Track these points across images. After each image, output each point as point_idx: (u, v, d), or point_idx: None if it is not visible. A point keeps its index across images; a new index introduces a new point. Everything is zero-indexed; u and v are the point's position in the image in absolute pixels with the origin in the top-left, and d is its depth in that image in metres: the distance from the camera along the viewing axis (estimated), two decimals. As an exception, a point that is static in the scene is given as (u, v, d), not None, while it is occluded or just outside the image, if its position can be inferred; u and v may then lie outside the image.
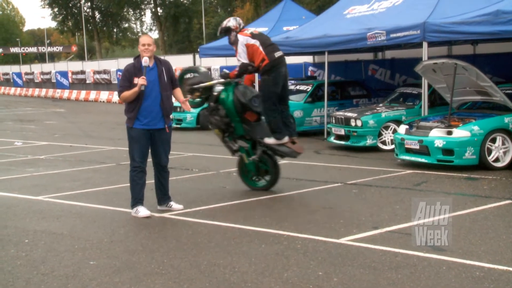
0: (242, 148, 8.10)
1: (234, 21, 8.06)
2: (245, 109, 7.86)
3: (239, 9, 60.41)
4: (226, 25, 8.02)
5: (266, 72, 7.78)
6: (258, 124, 8.05)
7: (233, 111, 7.78)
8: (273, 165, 8.13)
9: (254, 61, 7.84)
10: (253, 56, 7.82)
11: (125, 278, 4.84)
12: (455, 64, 9.75)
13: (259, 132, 7.98)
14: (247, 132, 8.00)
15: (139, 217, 6.81)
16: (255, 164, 8.12)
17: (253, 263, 5.11)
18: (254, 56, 7.81)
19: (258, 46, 7.79)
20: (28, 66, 54.91)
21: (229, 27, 7.98)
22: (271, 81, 7.80)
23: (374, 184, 8.60)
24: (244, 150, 8.09)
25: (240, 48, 7.83)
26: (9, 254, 5.61)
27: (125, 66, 7.00)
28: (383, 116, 12.07)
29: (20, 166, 11.17)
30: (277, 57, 7.84)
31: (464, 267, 4.85)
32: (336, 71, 18.89)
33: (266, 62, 7.74)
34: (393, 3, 13.18)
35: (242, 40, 7.84)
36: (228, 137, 8.13)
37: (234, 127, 7.96)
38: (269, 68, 7.76)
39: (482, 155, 9.34)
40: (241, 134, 8.04)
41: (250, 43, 7.81)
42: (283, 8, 20.04)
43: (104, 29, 65.90)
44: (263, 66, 7.76)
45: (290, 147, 8.05)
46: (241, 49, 7.83)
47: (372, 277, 4.70)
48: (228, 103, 7.81)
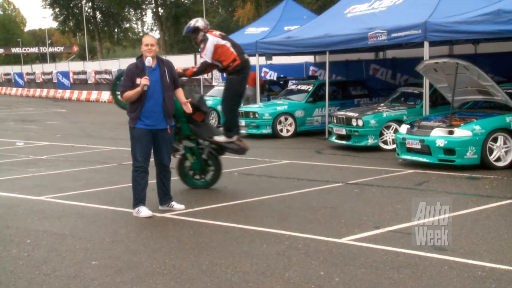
0: (187, 148, 8.17)
1: (202, 22, 8.23)
2: (194, 110, 7.90)
3: (240, 9, 60.32)
4: (194, 25, 8.16)
5: (236, 72, 8.10)
6: (204, 124, 8.23)
7: (182, 112, 7.70)
8: (217, 163, 8.35)
9: (223, 61, 8.06)
10: (222, 57, 8.03)
11: (126, 278, 4.84)
12: (456, 64, 9.75)
13: (207, 132, 8.17)
14: (194, 132, 8.09)
15: (141, 217, 6.81)
16: (200, 163, 8.25)
17: (255, 263, 5.11)
18: (223, 56, 8.04)
19: (229, 47, 8.08)
20: (30, 67, 54.95)
21: (197, 27, 8.13)
22: (240, 81, 8.18)
23: (376, 183, 8.60)
24: (189, 150, 8.18)
25: (209, 47, 7.99)
26: (11, 254, 5.62)
27: (128, 65, 7.01)
28: (385, 115, 12.07)
29: (22, 166, 11.18)
30: (246, 58, 8.21)
31: (466, 267, 4.85)
32: (337, 71, 18.89)
33: (238, 62, 8.04)
34: (394, 2, 13.17)
35: (213, 40, 8.03)
36: (174, 138, 8.08)
37: (181, 127, 7.97)
38: (240, 69, 8.09)
39: (484, 154, 9.34)
40: (187, 134, 8.11)
41: (221, 44, 8.05)
42: (284, 7, 20.04)
43: (105, 29, 65.98)
44: (234, 66, 8.04)
45: (238, 144, 8.32)
46: (209, 49, 7.99)
47: (374, 276, 4.70)
48: (178, 104, 7.66)
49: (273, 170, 10.12)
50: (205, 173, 8.44)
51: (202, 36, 8.10)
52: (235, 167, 10.25)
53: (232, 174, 9.68)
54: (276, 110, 15.08)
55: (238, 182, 9.14)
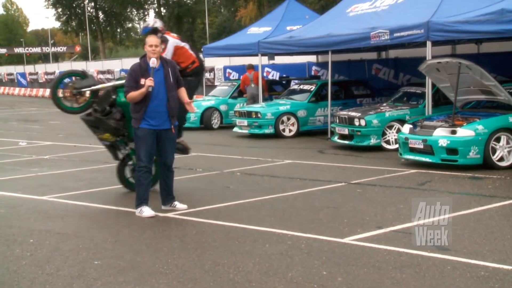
0: (133, 151, 7.92)
1: (160, 23, 8.24)
2: None
3: (242, 9, 60.37)
4: (153, 25, 8.12)
5: (194, 74, 8.16)
6: None
7: (128, 116, 7.57)
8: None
9: (181, 63, 7.99)
10: (181, 58, 8.01)
11: (129, 278, 4.85)
12: (459, 63, 9.74)
13: None
14: None
15: (144, 217, 6.82)
16: None
17: (257, 263, 5.11)
18: (182, 57, 8.02)
19: (188, 49, 8.13)
20: (32, 66, 55.00)
21: (157, 27, 8.08)
22: (196, 83, 8.31)
23: (378, 183, 8.59)
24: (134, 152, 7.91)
25: (169, 48, 7.95)
26: (14, 253, 5.63)
27: (131, 66, 7.00)
28: (387, 115, 12.06)
29: (25, 166, 11.20)
30: (203, 61, 8.40)
31: (469, 267, 4.84)
32: (339, 71, 18.89)
33: (197, 64, 8.13)
34: (396, 1, 13.15)
35: (173, 41, 8.03)
36: (119, 141, 8.06)
37: (129, 130, 7.79)
38: (197, 71, 8.22)
39: (487, 154, 9.33)
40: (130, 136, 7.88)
41: (180, 46, 8.07)
42: (287, 7, 20.03)
43: (108, 29, 66.04)
44: (193, 68, 8.10)
45: (183, 145, 8.31)
46: (170, 50, 7.95)
47: (377, 276, 4.70)
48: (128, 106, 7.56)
49: (276, 170, 10.12)
50: None
51: (160, 37, 7.88)
52: (237, 167, 10.26)
53: (235, 174, 9.68)
54: (278, 110, 15.07)
55: (240, 182, 9.14)
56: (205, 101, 18.53)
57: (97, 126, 8.02)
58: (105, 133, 7.98)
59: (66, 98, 8.05)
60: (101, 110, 7.88)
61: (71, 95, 7.98)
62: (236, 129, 15.84)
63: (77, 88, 7.96)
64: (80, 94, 7.97)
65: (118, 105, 7.85)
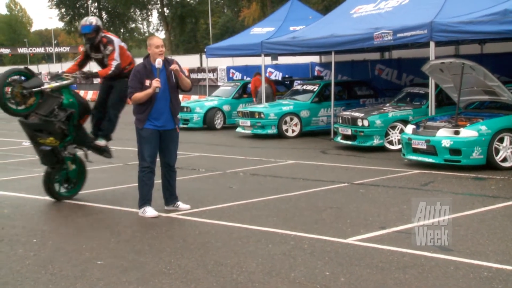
0: (68, 157, 7.78)
1: (100, 21, 8.06)
2: (86, 112, 7.79)
3: (246, 9, 60.38)
4: (97, 23, 7.84)
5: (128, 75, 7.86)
6: (83, 129, 7.93)
7: (77, 115, 7.54)
8: (84, 167, 8.16)
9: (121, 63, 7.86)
10: (121, 58, 7.86)
11: (132, 278, 4.85)
12: (462, 64, 9.72)
13: (87, 136, 7.98)
14: (78, 137, 7.79)
15: (147, 217, 6.82)
16: (77, 171, 8.01)
17: (260, 263, 5.11)
18: (122, 57, 7.86)
19: (126, 49, 8.04)
20: (36, 67, 55.03)
21: (99, 26, 7.86)
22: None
23: (381, 184, 8.58)
24: (70, 158, 7.84)
25: (117, 48, 7.82)
26: (18, 253, 5.64)
27: (135, 66, 7.01)
28: (390, 116, 12.05)
29: (28, 166, 11.21)
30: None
31: (472, 267, 4.83)
32: (342, 71, 18.88)
33: (133, 65, 7.84)
34: (400, 2, 13.16)
35: (117, 41, 7.90)
36: (60, 145, 7.56)
37: (70, 132, 7.56)
38: None
39: (490, 155, 9.31)
40: (70, 140, 7.66)
41: (121, 45, 7.95)
42: (290, 8, 20.04)
43: (111, 29, 66.03)
44: (130, 69, 7.71)
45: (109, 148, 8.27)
46: (117, 50, 7.81)
47: (380, 277, 4.70)
48: (75, 107, 7.54)
49: (279, 170, 10.12)
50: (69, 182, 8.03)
51: (102, 36, 7.80)
52: (240, 167, 10.26)
53: (238, 174, 9.68)
54: (281, 110, 15.07)
55: (243, 182, 9.14)
56: (208, 101, 18.55)
57: (41, 130, 7.37)
58: (49, 137, 7.36)
59: (12, 100, 7.23)
60: (49, 112, 7.32)
61: (19, 96, 7.23)
62: (239, 129, 15.85)
63: (27, 88, 7.24)
64: (30, 95, 7.27)
65: (65, 106, 7.46)
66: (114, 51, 7.75)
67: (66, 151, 7.70)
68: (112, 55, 7.75)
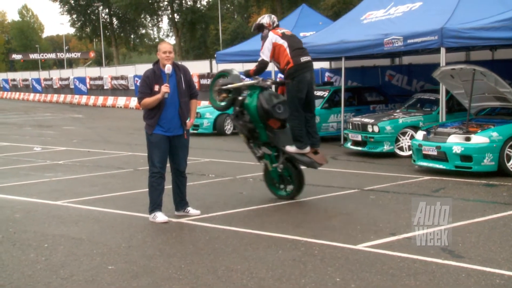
0: (266, 155, 7.92)
1: (268, 18, 8.05)
2: (268, 116, 7.60)
3: (256, 15, 60.46)
4: (260, 22, 8.04)
5: (289, 76, 7.67)
6: (282, 132, 7.81)
7: (256, 117, 7.60)
8: (297, 174, 7.91)
9: (280, 63, 7.77)
10: (279, 57, 7.73)
11: (143, 283, 4.87)
12: (473, 70, 9.69)
13: (282, 140, 7.75)
14: (270, 139, 7.78)
15: (157, 222, 6.84)
16: (277, 172, 7.95)
17: (270, 269, 5.11)
18: (280, 57, 7.72)
19: (286, 47, 7.67)
20: (47, 72, 55.49)
21: (262, 24, 7.99)
22: (295, 86, 7.66)
23: (392, 190, 8.56)
24: (268, 157, 7.91)
25: (267, 44, 7.73)
26: (29, 258, 5.67)
27: (145, 72, 7.03)
28: (400, 122, 12.02)
29: (39, 171, 11.28)
30: (302, 61, 7.68)
31: (484, 275, 4.81)
32: (352, 77, 18.85)
33: (291, 65, 7.61)
34: (410, 7, 13.13)
35: (271, 37, 7.74)
36: (252, 143, 7.98)
37: (259, 133, 7.75)
38: (293, 72, 7.63)
39: (501, 161, 9.26)
40: (265, 141, 7.82)
41: (279, 43, 7.69)
42: (300, 14, 20.05)
43: (122, 35, 66.48)
44: (288, 69, 7.64)
45: (311, 157, 7.83)
46: (267, 46, 7.72)
47: (390, 283, 4.68)
48: (252, 108, 7.63)
49: (289, 176, 10.09)
50: (284, 183, 8.06)
51: (265, 34, 7.90)
52: (250, 173, 10.26)
53: (248, 180, 9.68)
54: (291, 116, 15.03)
55: (253, 187, 9.14)
56: (218, 107, 18.54)
57: (236, 126, 8.16)
58: (241, 134, 8.08)
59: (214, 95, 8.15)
60: (237, 111, 7.91)
61: (217, 93, 8.07)
62: (249, 135, 15.81)
63: (219, 85, 8.01)
64: (223, 91, 7.93)
65: (244, 107, 7.78)
66: (262, 46, 7.76)
67: (261, 150, 7.92)
68: (260, 50, 7.81)
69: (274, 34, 7.76)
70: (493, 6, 11.19)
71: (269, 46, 7.70)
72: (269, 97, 7.64)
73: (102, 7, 62.23)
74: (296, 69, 7.63)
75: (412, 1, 13.18)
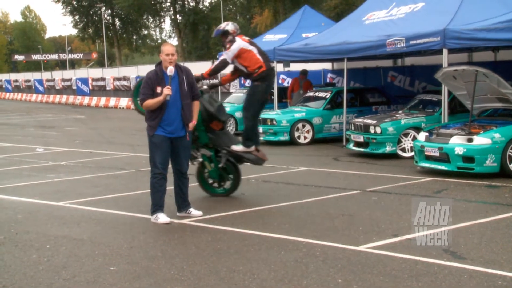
0: (205, 156, 8.12)
1: (232, 26, 8.21)
2: (212, 118, 7.90)
3: (258, 16, 60.48)
4: (224, 28, 8.16)
5: (261, 79, 8.04)
6: (223, 133, 8.17)
7: (199, 120, 7.72)
8: (236, 172, 8.27)
9: (248, 67, 8.01)
10: (248, 62, 7.99)
11: (145, 284, 4.87)
12: (476, 71, 9.68)
13: (226, 141, 8.11)
14: (212, 141, 8.05)
15: (159, 223, 6.84)
16: (218, 171, 8.21)
17: (273, 270, 5.11)
18: (249, 61, 8.00)
19: (256, 53, 8.04)
20: (49, 73, 55.55)
21: (227, 30, 8.12)
22: (264, 88, 8.11)
23: (394, 191, 8.55)
24: (207, 158, 8.13)
25: (234, 48, 7.95)
26: (31, 259, 5.68)
27: (147, 73, 7.04)
28: (403, 123, 12.01)
29: (41, 172, 11.30)
30: (272, 67, 8.25)
31: (486, 276, 4.80)
32: (355, 78, 18.85)
33: (264, 69, 8.00)
34: (412, 8, 13.13)
35: (240, 43, 8.01)
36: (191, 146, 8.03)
37: (198, 136, 7.93)
38: (265, 76, 8.03)
39: (504, 162, 9.25)
40: (205, 143, 8.07)
41: (248, 49, 8.02)
42: (302, 15, 20.06)
43: (124, 36, 66.53)
44: (260, 73, 7.98)
45: (256, 155, 8.26)
46: (233, 49, 7.96)
47: (392, 285, 4.68)
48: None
49: (291, 177, 10.11)
50: (224, 181, 8.39)
51: (231, 39, 8.06)
52: (252, 174, 10.26)
53: (250, 181, 9.69)
54: (293, 117, 15.08)
55: (255, 189, 9.15)
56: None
57: None
58: None
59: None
60: None
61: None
62: (251, 136, 15.83)
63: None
64: None
65: None
66: (228, 48, 7.95)
67: (199, 152, 8.13)
68: (226, 50, 7.98)
69: (242, 41, 8.07)
70: (495, 7, 11.19)
71: (235, 50, 7.97)
72: (211, 101, 7.98)
73: (105, 8, 62.30)
74: (268, 73, 8.08)
75: (415, 2, 13.18)
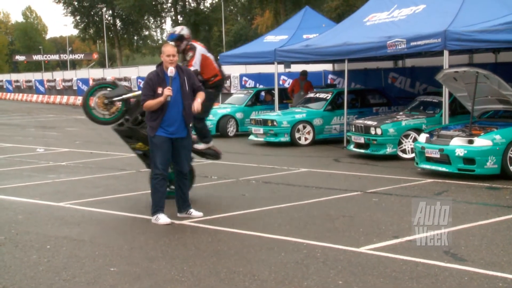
0: None
1: (187, 30, 8.13)
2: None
3: (259, 17, 60.60)
4: (180, 33, 8.01)
5: (216, 87, 8.23)
6: None
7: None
8: (192, 171, 8.23)
9: (203, 74, 7.98)
10: (205, 69, 7.98)
11: (145, 285, 4.87)
12: (476, 73, 9.68)
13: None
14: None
15: (159, 224, 6.84)
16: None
17: (273, 271, 5.10)
18: (205, 69, 7.99)
19: (212, 60, 8.15)
20: (50, 74, 55.54)
21: (182, 35, 7.99)
22: (216, 95, 8.43)
23: (394, 193, 8.55)
24: None
25: (197, 56, 7.91)
26: (31, 260, 5.68)
27: (148, 74, 7.04)
28: (403, 124, 12.01)
29: (42, 173, 11.30)
30: (226, 75, 8.62)
31: (487, 278, 4.80)
32: (355, 79, 18.84)
33: (219, 78, 8.17)
34: (414, 10, 13.13)
35: (200, 49, 7.98)
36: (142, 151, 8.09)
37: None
38: (219, 84, 8.30)
39: (504, 164, 9.24)
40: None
41: (207, 55, 8.06)
42: (303, 16, 20.05)
43: (125, 36, 66.57)
44: (216, 81, 8.13)
45: (214, 150, 8.45)
46: (198, 58, 7.91)
47: (393, 286, 4.67)
48: None
49: (291, 178, 10.11)
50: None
51: (186, 44, 7.95)
52: (253, 175, 10.26)
53: (250, 182, 9.69)
54: (294, 118, 15.07)
55: (256, 190, 9.14)
56: (221, 108, 18.55)
57: (130, 136, 8.00)
58: (137, 143, 7.96)
59: (97, 109, 7.94)
60: (133, 119, 7.82)
61: (103, 105, 7.90)
62: (252, 137, 15.86)
63: (108, 97, 7.88)
64: (112, 104, 7.89)
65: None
66: (194, 57, 7.88)
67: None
68: (191, 61, 7.89)
69: (202, 47, 8.09)
70: (496, 8, 11.19)
71: (199, 57, 7.94)
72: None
73: (106, 8, 62.34)
74: (222, 82, 8.39)
75: (416, 4, 13.17)
